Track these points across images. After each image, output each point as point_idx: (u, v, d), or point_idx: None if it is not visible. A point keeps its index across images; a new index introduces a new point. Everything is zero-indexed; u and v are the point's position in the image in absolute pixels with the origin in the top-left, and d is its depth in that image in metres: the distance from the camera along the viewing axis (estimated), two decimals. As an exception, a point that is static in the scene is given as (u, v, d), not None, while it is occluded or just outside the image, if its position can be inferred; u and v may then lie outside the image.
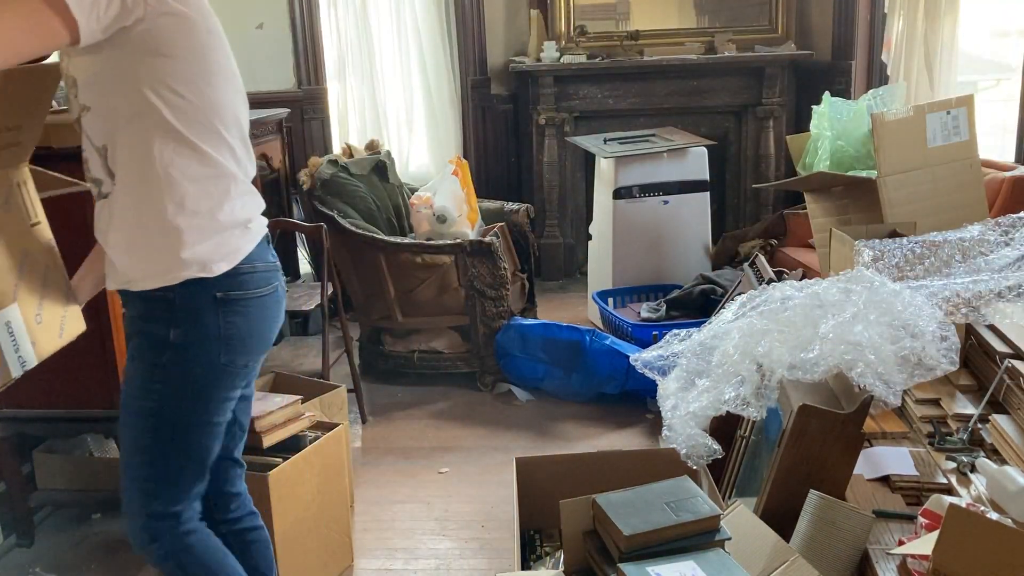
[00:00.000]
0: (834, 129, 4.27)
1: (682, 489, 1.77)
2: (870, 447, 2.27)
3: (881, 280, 2.20)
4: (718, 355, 2.25)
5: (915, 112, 3.35)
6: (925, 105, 3.43)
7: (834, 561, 1.82)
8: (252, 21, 5.16)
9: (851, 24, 5.20)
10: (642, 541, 1.64)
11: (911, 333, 2.02)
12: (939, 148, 3.33)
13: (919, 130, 3.31)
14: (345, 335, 3.76)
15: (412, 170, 5.53)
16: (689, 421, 2.17)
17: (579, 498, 1.78)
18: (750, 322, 2.24)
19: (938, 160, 3.33)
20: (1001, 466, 1.99)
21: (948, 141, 3.34)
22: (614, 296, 4.57)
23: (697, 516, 1.68)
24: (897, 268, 2.58)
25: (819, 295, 2.21)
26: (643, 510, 1.69)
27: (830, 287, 2.24)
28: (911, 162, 3.30)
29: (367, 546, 2.84)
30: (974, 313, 2.24)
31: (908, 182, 3.29)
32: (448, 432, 3.64)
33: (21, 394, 2.80)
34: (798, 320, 2.13)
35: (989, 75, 5.55)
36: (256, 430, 2.45)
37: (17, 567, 2.79)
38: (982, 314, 2.25)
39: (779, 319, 2.18)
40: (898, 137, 3.29)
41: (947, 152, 3.35)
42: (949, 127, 3.33)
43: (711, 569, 1.59)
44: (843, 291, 2.19)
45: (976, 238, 2.64)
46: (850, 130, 4.25)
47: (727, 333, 2.29)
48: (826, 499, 1.86)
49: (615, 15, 5.49)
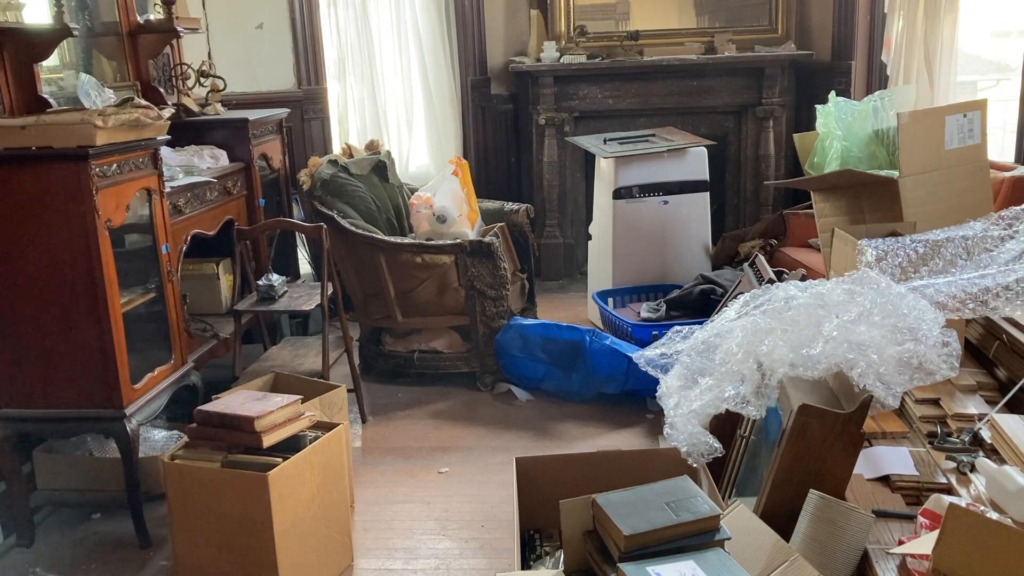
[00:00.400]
0: (839, 129, 4.27)
1: (682, 489, 1.77)
2: (870, 447, 2.27)
3: (887, 282, 2.19)
4: (721, 353, 2.25)
5: (936, 114, 3.35)
6: (944, 107, 3.43)
7: (834, 561, 1.82)
8: (252, 21, 5.16)
9: (851, 24, 5.20)
10: (642, 541, 1.64)
11: (914, 337, 2.02)
12: (955, 150, 3.34)
13: (938, 132, 3.32)
14: (345, 335, 3.76)
15: (412, 170, 5.53)
16: (691, 419, 2.17)
17: (579, 498, 1.78)
18: (754, 320, 2.24)
19: (953, 162, 3.34)
20: (1001, 466, 1.99)
21: (963, 144, 3.34)
22: (614, 296, 4.57)
23: (697, 516, 1.68)
24: (901, 268, 2.58)
25: (823, 295, 2.21)
26: (643, 510, 1.69)
27: (835, 288, 2.23)
28: (930, 163, 3.30)
29: (367, 546, 2.84)
30: (982, 308, 2.24)
31: (926, 183, 3.29)
32: (448, 432, 3.64)
33: (21, 394, 2.81)
34: (801, 319, 2.13)
35: (989, 75, 5.54)
36: (256, 430, 2.46)
37: (17, 567, 2.79)
38: (991, 308, 2.24)
39: (783, 318, 2.18)
40: (919, 138, 3.30)
41: (961, 155, 3.35)
42: (964, 130, 3.34)
43: (711, 569, 1.59)
44: (848, 292, 2.19)
45: (979, 235, 2.63)
46: (854, 130, 4.25)
47: (730, 331, 2.28)
48: (826, 499, 1.86)
49: (615, 15, 5.49)
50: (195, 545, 2.55)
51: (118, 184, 2.79)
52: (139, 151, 2.91)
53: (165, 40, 3.97)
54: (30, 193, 2.64)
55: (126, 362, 2.80)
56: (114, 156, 2.76)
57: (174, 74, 4.24)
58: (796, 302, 2.24)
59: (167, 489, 2.57)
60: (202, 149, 3.81)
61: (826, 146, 4.33)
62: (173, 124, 3.21)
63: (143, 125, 2.86)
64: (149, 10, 4.01)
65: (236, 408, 2.53)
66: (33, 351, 2.76)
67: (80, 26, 3.40)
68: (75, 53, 3.55)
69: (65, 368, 2.77)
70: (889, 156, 4.18)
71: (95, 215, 2.65)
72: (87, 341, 2.75)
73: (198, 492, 2.51)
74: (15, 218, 2.66)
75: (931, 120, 3.33)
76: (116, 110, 2.75)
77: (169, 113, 3.10)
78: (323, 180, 4.10)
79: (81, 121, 2.62)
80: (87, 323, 2.73)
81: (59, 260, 2.68)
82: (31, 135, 2.61)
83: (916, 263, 2.58)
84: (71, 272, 2.70)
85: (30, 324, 2.73)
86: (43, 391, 2.79)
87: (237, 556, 2.49)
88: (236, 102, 4.64)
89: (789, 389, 2.09)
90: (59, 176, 2.63)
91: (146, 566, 2.78)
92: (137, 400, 2.86)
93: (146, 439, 3.12)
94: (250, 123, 4.02)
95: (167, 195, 3.14)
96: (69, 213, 2.66)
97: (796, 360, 2.03)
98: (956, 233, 2.66)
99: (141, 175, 2.94)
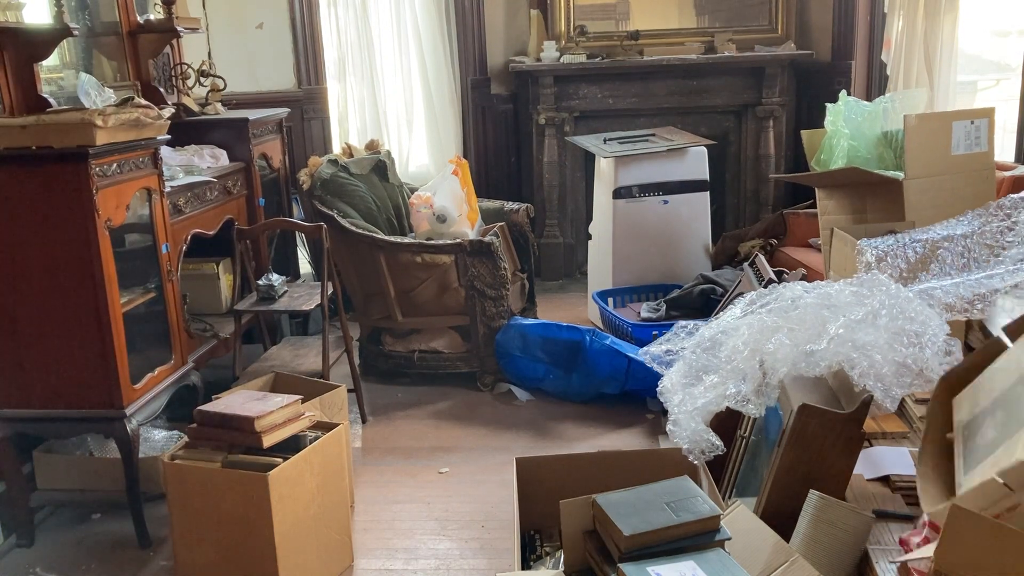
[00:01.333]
0: (848, 128, 4.26)
1: (682, 489, 1.77)
2: (870, 447, 2.27)
3: (897, 286, 2.18)
4: (727, 350, 2.24)
5: (943, 118, 3.35)
6: (952, 112, 3.43)
7: (834, 561, 1.81)
8: (252, 21, 5.16)
9: (851, 24, 5.20)
10: (642, 541, 1.64)
11: (918, 342, 2.01)
12: (961, 156, 3.34)
13: (945, 137, 3.32)
14: (345, 335, 3.76)
15: (412, 170, 5.53)
16: (695, 416, 2.17)
17: (579, 498, 1.78)
18: (760, 319, 2.23)
19: (959, 168, 3.34)
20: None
21: (970, 150, 3.35)
22: (614, 296, 4.57)
23: (697, 516, 1.68)
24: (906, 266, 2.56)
25: (831, 296, 2.20)
26: (643, 510, 1.69)
27: (843, 289, 2.23)
28: (935, 167, 3.30)
29: (367, 546, 2.84)
30: (991, 307, 2.23)
31: (931, 187, 3.29)
32: (448, 432, 3.64)
33: (21, 394, 2.81)
34: (808, 319, 2.13)
35: (989, 75, 5.54)
36: (256, 430, 2.45)
37: (17, 567, 2.79)
38: (999, 307, 2.23)
39: (789, 317, 2.17)
40: (926, 141, 3.30)
41: (968, 161, 3.35)
42: (972, 136, 3.34)
43: (711, 569, 1.59)
44: (855, 294, 2.18)
45: (978, 231, 2.62)
46: (863, 130, 4.24)
47: (736, 329, 2.27)
48: (825, 499, 1.86)
49: (615, 15, 5.48)
50: (195, 545, 2.55)
51: (118, 184, 2.79)
52: (139, 151, 2.91)
53: (165, 40, 3.97)
54: (30, 193, 2.64)
55: (126, 362, 2.80)
56: (114, 156, 2.76)
57: (174, 74, 4.24)
58: (802, 301, 2.24)
59: (167, 489, 2.57)
60: (202, 149, 3.81)
61: (833, 144, 4.32)
62: (173, 124, 3.21)
63: (143, 125, 2.86)
64: (149, 10, 4.01)
65: (236, 408, 2.53)
66: (33, 351, 2.76)
67: (80, 26, 3.40)
68: (75, 53, 3.55)
69: (65, 368, 2.77)
70: (896, 159, 4.18)
71: (95, 215, 2.65)
72: (87, 341, 2.74)
73: (198, 492, 2.50)
74: (15, 218, 2.66)
75: (938, 124, 3.32)
76: (116, 110, 2.75)
77: (169, 113, 3.10)
78: (323, 180, 4.10)
79: (81, 121, 2.62)
80: (87, 323, 2.73)
81: (59, 260, 2.68)
82: (31, 135, 2.61)
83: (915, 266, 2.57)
84: (71, 272, 2.69)
85: (30, 324, 2.73)
86: (43, 391, 2.79)
87: (237, 556, 2.49)
88: (236, 102, 4.64)
89: (789, 389, 2.09)
90: (59, 176, 2.63)
91: (146, 566, 2.78)
92: (137, 400, 2.86)
93: (146, 439, 3.12)
94: (250, 123, 4.02)
95: (167, 195, 3.14)
96: (69, 213, 2.65)
97: (798, 358, 2.03)
98: (955, 231, 2.65)
99: (141, 175, 2.94)
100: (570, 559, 1.81)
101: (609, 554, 1.70)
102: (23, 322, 2.73)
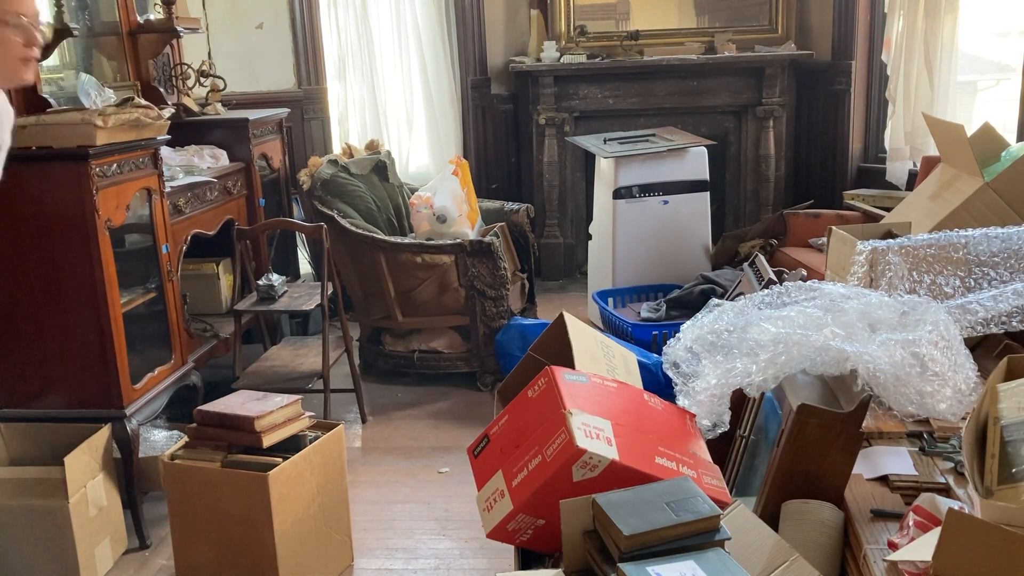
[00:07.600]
0: None
1: (682, 489, 1.76)
2: (869, 447, 2.27)
3: (947, 320, 2.14)
4: (754, 332, 2.18)
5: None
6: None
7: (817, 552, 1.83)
8: (252, 21, 5.16)
9: (851, 24, 5.20)
10: (642, 541, 1.64)
11: (940, 373, 2.04)
12: None
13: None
14: (345, 335, 3.76)
15: (412, 170, 5.53)
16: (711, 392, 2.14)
17: (579, 498, 1.78)
18: (802, 310, 2.19)
19: None
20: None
21: None
22: (614, 296, 4.57)
23: (697, 516, 1.68)
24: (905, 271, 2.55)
25: (872, 306, 2.17)
26: (643, 510, 1.69)
27: (889, 303, 2.19)
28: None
29: (367, 546, 2.84)
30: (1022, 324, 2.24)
31: None
32: (448, 432, 3.64)
33: (21, 394, 2.81)
34: (854, 323, 2.12)
35: (989, 75, 5.54)
36: (256, 430, 2.46)
37: (17, 567, 2.79)
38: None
39: (836, 318, 2.15)
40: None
41: None
42: None
43: (711, 569, 1.59)
44: (902, 315, 2.17)
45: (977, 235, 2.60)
46: None
47: (768, 318, 2.22)
48: (791, 503, 1.90)
49: (615, 15, 5.49)
50: (195, 545, 2.55)
51: (118, 184, 2.79)
52: (139, 151, 2.91)
53: (165, 40, 3.97)
54: (30, 193, 2.64)
55: (126, 362, 2.80)
56: (114, 156, 2.76)
57: (174, 74, 4.24)
58: (848, 305, 2.20)
59: (167, 489, 2.57)
60: (202, 149, 3.81)
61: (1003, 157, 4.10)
62: (173, 124, 3.21)
63: (143, 125, 2.86)
64: (149, 10, 4.01)
65: (236, 408, 2.53)
66: (33, 351, 2.76)
67: (80, 26, 3.40)
68: (75, 53, 3.55)
69: (65, 368, 2.77)
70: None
71: (95, 215, 2.65)
72: (87, 341, 2.75)
73: (198, 492, 2.51)
74: (15, 218, 2.66)
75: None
76: (116, 110, 2.75)
77: (169, 113, 3.10)
78: (323, 180, 4.11)
79: (81, 121, 2.62)
80: (87, 323, 2.73)
81: (59, 260, 2.68)
82: (31, 135, 2.62)
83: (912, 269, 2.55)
84: (71, 272, 2.70)
85: (30, 324, 2.73)
86: (43, 391, 2.79)
87: (237, 556, 2.49)
88: (236, 102, 4.64)
89: (789, 389, 2.09)
90: (59, 176, 2.63)
91: (146, 566, 2.78)
92: (137, 400, 2.86)
93: (146, 439, 3.12)
94: (250, 123, 4.02)
95: (167, 195, 3.14)
96: (69, 213, 2.66)
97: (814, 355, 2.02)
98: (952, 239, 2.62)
99: (141, 175, 2.94)
100: (570, 559, 1.81)
101: (609, 554, 1.70)
102: (23, 322, 2.74)
